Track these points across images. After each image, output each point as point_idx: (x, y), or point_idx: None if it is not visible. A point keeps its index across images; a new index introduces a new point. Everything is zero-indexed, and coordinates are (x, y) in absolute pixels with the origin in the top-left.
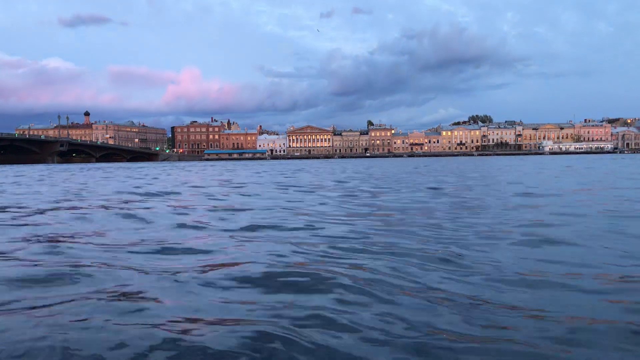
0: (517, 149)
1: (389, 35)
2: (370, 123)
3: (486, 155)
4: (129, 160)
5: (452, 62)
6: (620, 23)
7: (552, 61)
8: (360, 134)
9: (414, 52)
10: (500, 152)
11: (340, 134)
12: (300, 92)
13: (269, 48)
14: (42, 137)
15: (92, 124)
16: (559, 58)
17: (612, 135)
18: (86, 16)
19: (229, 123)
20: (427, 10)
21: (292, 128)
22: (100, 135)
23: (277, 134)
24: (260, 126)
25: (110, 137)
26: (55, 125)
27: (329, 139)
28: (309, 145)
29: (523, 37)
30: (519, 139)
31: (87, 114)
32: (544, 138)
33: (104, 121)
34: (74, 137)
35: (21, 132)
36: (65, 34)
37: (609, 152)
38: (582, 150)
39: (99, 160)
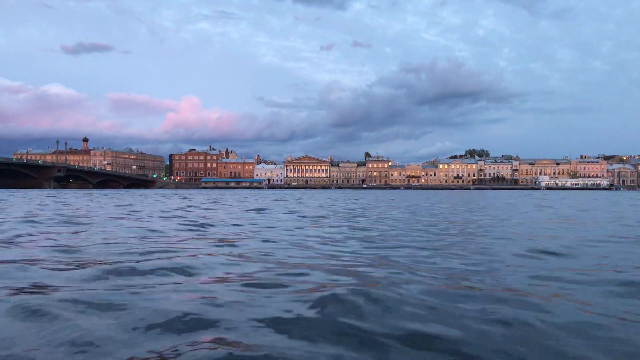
0: (513, 184)
1: (386, 69)
2: (367, 155)
3: (483, 189)
4: (126, 187)
5: (449, 96)
6: (615, 62)
7: (548, 97)
8: (358, 165)
9: (411, 85)
10: (497, 187)
11: (338, 165)
12: (298, 122)
13: (268, 79)
14: (40, 162)
15: (90, 150)
16: (555, 94)
17: (607, 171)
18: (88, 44)
19: (227, 152)
20: (425, 45)
21: (289, 158)
22: (98, 162)
23: (274, 164)
24: (258, 155)
25: (108, 164)
26: (53, 150)
27: (326, 170)
28: (307, 175)
29: (519, 73)
30: (515, 173)
31: (85, 140)
32: (540, 173)
33: (102, 147)
34: (72, 163)
35: (19, 157)
36: (67, 61)
37: (605, 189)
38: (579, 186)
39: (95, 186)
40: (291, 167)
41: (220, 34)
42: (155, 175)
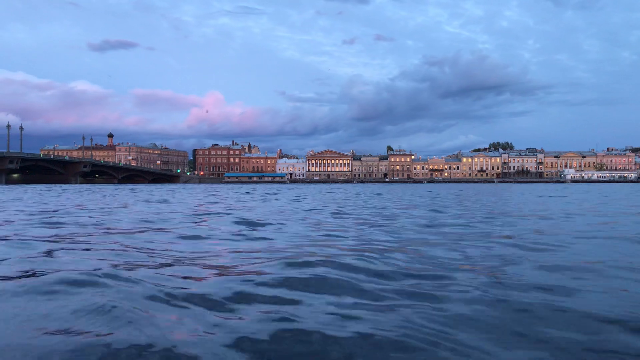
0: (538, 177)
1: (409, 62)
2: (390, 148)
3: (507, 182)
4: (150, 182)
5: (473, 89)
6: None
7: (574, 89)
8: (380, 159)
9: (435, 78)
10: (521, 180)
11: (360, 159)
12: (320, 116)
13: (290, 73)
14: (66, 157)
15: (115, 145)
16: (581, 86)
17: (635, 164)
18: (114, 41)
19: (249, 146)
20: (447, 37)
21: (311, 152)
22: (123, 157)
23: (296, 158)
24: (280, 150)
25: (132, 159)
26: (79, 146)
27: (348, 164)
28: (328, 169)
29: (544, 65)
30: (540, 166)
31: (110, 135)
32: (565, 166)
33: (127, 143)
34: (98, 158)
35: (46, 153)
36: (94, 57)
37: (632, 182)
38: (605, 179)
39: (121, 181)
40: (313, 161)
41: (241, 29)
42: (179, 170)
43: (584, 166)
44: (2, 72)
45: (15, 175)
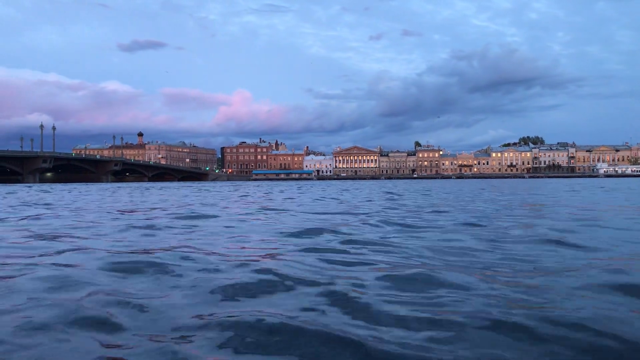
0: (569, 172)
1: (436, 57)
2: (417, 144)
3: (538, 177)
4: (179, 180)
5: (502, 83)
6: None
7: (607, 81)
8: (408, 154)
9: (463, 73)
10: (553, 175)
11: (387, 155)
12: (347, 113)
13: (316, 70)
14: (98, 156)
15: (145, 144)
16: (614, 78)
17: None
18: (143, 41)
19: (276, 144)
20: (475, 31)
21: (338, 149)
22: (152, 155)
23: (323, 155)
24: (307, 147)
25: (162, 157)
26: (110, 145)
27: (375, 160)
28: (356, 166)
29: (575, 57)
30: (571, 161)
31: (140, 134)
32: (598, 160)
33: (157, 141)
34: (128, 157)
35: (78, 152)
36: (123, 58)
37: None
38: None
39: (151, 179)
40: (340, 157)
41: (267, 26)
42: (207, 168)
43: (618, 160)
44: (35, 74)
45: (48, 174)
